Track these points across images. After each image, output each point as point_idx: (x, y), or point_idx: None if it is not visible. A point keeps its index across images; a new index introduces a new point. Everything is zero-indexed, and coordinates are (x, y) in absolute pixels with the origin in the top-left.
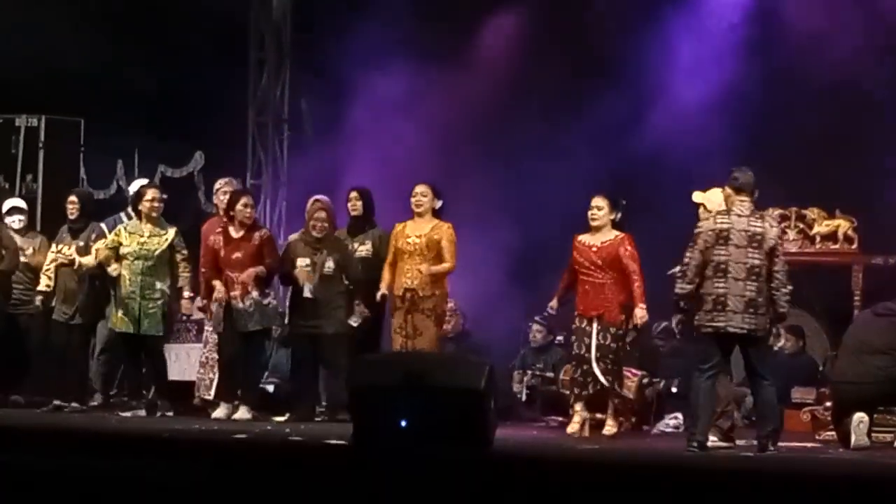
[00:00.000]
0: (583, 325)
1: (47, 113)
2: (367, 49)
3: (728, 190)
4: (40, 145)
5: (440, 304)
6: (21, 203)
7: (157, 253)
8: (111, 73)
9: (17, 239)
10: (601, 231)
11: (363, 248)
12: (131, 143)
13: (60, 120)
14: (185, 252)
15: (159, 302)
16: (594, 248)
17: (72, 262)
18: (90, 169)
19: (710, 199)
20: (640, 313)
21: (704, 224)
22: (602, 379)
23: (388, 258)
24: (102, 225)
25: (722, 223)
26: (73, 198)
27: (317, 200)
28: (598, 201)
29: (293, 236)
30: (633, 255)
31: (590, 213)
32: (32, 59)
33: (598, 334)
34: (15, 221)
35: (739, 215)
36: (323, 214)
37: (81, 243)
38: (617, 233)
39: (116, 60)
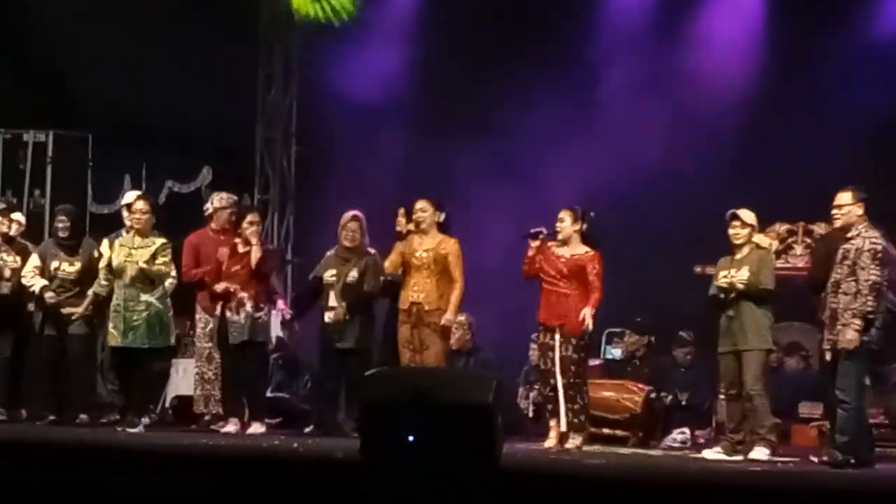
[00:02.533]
0: (546, 340)
1: (55, 128)
2: (377, 63)
3: (860, 210)
4: (48, 160)
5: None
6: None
7: (139, 264)
8: (119, 88)
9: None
10: (569, 243)
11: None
12: (139, 158)
13: (68, 135)
14: (165, 259)
15: (144, 314)
16: (562, 259)
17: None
18: (98, 184)
19: (748, 212)
20: (589, 311)
21: (881, 242)
22: (560, 393)
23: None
24: (105, 240)
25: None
26: (62, 216)
27: (350, 213)
28: (561, 214)
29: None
30: (599, 273)
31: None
32: (41, 73)
33: (560, 346)
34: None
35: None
36: (355, 225)
37: (78, 264)
38: (588, 249)
39: (124, 75)
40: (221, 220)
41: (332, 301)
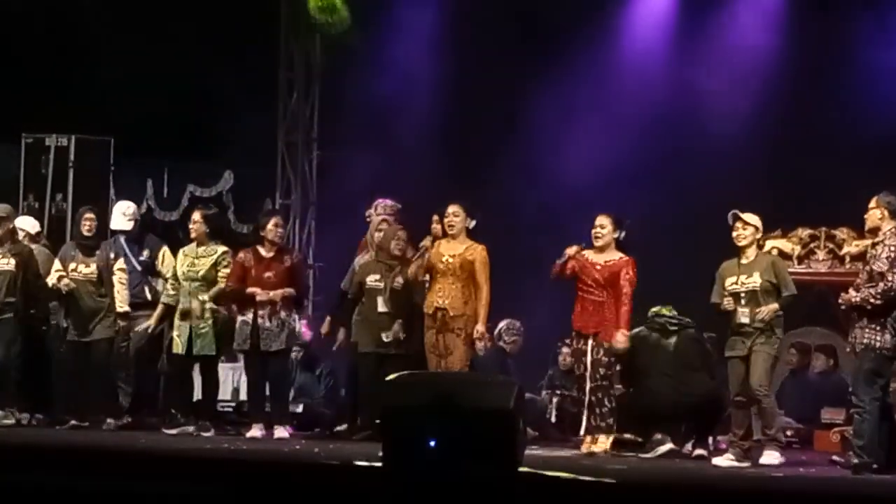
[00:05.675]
0: (580, 345)
1: (77, 132)
2: (397, 66)
3: (883, 212)
4: (70, 165)
5: (470, 324)
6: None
7: (201, 273)
8: (141, 92)
9: None
10: (605, 250)
11: None
12: (161, 162)
13: (90, 139)
14: (226, 271)
15: (210, 321)
16: (598, 267)
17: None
18: (120, 188)
19: (751, 214)
20: (622, 339)
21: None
22: (587, 393)
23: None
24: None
25: None
26: (89, 214)
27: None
28: (602, 220)
29: (363, 259)
30: (631, 280)
31: (593, 231)
32: (63, 78)
33: (592, 350)
34: None
35: None
36: (403, 234)
37: (94, 265)
38: (622, 255)
39: (146, 80)
40: (375, 231)
41: (382, 307)
